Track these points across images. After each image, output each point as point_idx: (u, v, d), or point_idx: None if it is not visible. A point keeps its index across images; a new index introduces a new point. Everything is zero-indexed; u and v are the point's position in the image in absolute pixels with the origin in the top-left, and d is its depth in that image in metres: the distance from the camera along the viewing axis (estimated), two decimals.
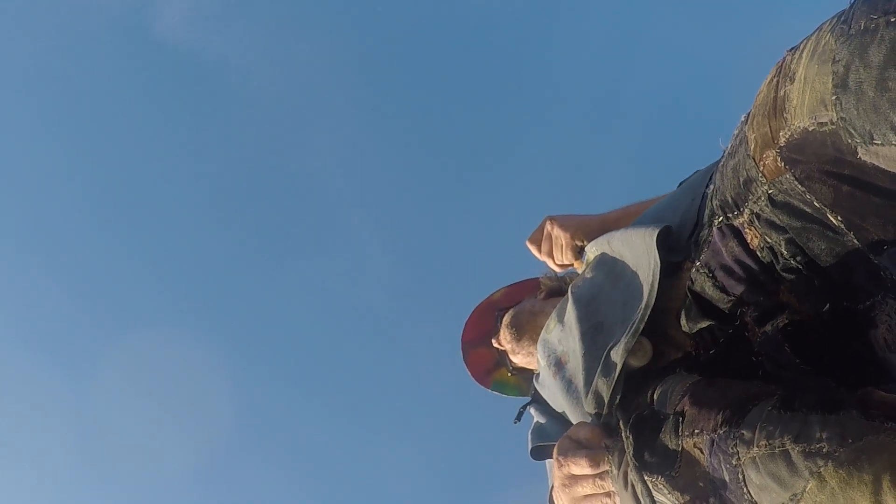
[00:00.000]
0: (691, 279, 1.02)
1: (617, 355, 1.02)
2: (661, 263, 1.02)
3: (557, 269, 1.44)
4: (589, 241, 1.32)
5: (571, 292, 1.25)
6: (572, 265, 1.40)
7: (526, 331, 1.51)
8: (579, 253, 1.35)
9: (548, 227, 1.41)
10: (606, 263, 1.20)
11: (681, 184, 1.36)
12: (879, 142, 0.69)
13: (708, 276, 0.98)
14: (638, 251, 1.10)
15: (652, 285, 1.02)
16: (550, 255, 1.41)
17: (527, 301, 1.59)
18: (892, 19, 0.66)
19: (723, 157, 0.97)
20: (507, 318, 1.57)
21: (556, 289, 1.54)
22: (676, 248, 1.07)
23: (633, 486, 0.96)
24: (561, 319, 1.27)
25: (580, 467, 1.01)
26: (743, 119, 0.89)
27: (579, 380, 1.14)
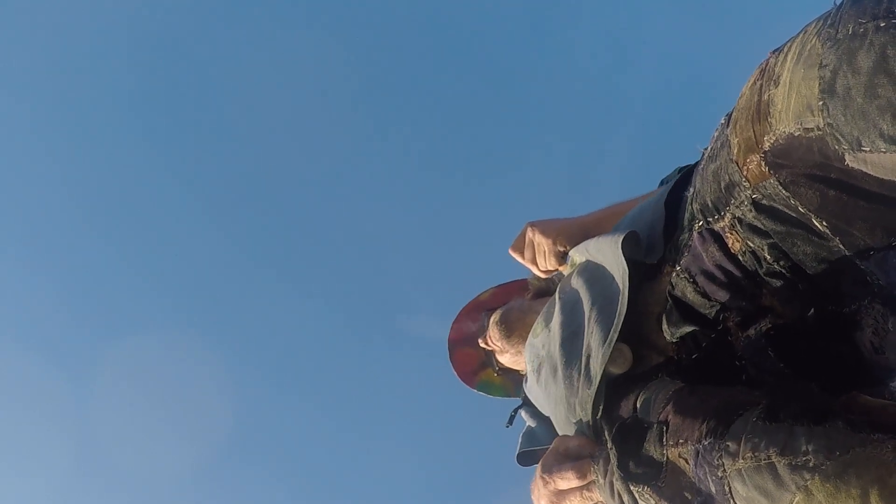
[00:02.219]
0: (671, 283, 1.00)
1: (596, 365, 1.01)
2: (629, 271, 1.01)
3: (543, 276, 1.43)
4: (571, 245, 1.30)
5: (559, 297, 1.24)
6: (557, 270, 1.38)
7: (514, 330, 1.50)
8: (563, 258, 1.33)
9: (529, 233, 1.39)
10: (588, 269, 1.19)
11: (662, 182, 1.34)
12: (868, 149, 0.67)
13: (689, 281, 0.97)
14: (609, 259, 1.09)
15: (623, 294, 1.00)
16: (534, 262, 1.39)
17: (515, 301, 1.58)
18: (882, 24, 0.64)
19: (702, 159, 0.95)
20: (495, 317, 1.55)
21: (544, 289, 1.52)
22: (653, 248, 1.05)
23: (619, 495, 0.95)
24: (548, 323, 1.26)
25: (566, 480, 0.99)
26: (723, 121, 0.87)
27: (561, 388, 1.12)
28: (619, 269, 1.04)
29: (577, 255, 1.25)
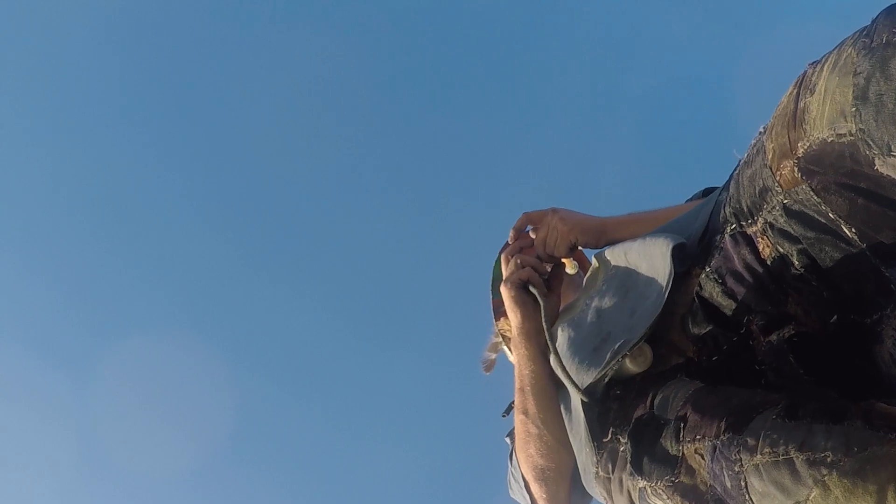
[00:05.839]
0: (700, 285, 1.02)
1: (614, 349, 1.03)
2: (674, 274, 1.02)
3: (542, 257, 1.39)
4: (584, 240, 1.32)
5: (585, 300, 1.26)
6: (559, 260, 1.38)
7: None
8: (570, 251, 1.34)
9: (549, 216, 1.38)
10: (619, 276, 1.21)
11: (689, 200, 1.36)
12: None
13: (717, 282, 0.99)
14: (655, 261, 1.10)
15: (663, 294, 1.02)
16: (542, 242, 1.38)
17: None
18: None
19: (738, 166, 0.97)
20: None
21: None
22: (688, 259, 1.08)
23: (629, 491, 0.97)
24: (567, 322, 1.28)
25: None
26: (761, 130, 0.90)
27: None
28: (664, 270, 1.05)
29: (609, 257, 1.25)
